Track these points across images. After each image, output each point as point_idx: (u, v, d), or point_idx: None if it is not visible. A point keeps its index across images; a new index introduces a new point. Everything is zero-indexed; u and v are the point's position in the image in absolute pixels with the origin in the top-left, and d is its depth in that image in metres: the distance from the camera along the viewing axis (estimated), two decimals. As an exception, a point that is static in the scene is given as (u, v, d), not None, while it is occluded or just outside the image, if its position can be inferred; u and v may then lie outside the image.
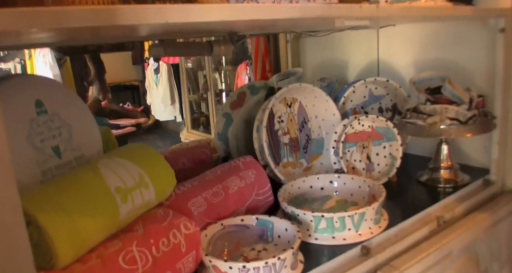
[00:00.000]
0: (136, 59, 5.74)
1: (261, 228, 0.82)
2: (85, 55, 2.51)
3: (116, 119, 2.49)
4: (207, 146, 1.13)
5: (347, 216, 0.78)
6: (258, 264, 0.65)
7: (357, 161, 1.07)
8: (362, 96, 1.25)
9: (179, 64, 4.44)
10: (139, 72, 5.98)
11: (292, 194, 0.95)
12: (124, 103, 4.56)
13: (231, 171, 0.90)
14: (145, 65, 5.43)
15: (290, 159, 1.09)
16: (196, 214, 0.80)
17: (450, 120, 0.96)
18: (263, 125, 0.98)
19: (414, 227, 0.89)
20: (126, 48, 2.44)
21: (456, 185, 1.03)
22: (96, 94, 2.38)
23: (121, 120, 2.43)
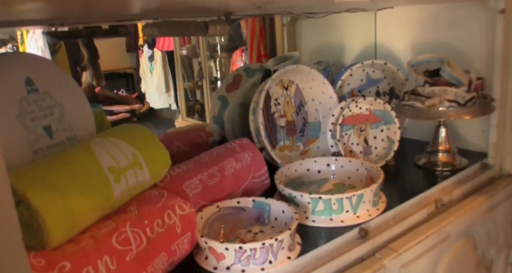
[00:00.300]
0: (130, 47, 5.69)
1: (258, 210, 0.81)
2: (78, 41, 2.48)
3: (110, 106, 2.46)
4: (202, 129, 1.11)
5: (345, 198, 0.77)
6: (255, 245, 0.64)
7: (354, 145, 1.06)
8: (360, 80, 1.23)
9: (173, 51, 4.40)
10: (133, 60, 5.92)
11: (289, 177, 0.94)
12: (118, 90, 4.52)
13: (227, 153, 0.89)
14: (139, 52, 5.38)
15: (286, 143, 1.08)
16: (191, 195, 0.78)
17: (449, 102, 0.95)
18: (259, 107, 0.97)
19: (412, 210, 0.88)
20: (120, 33, 2.41)
21: (454, 169, 1.02)
22: (89, 80, 2.35)
23: (115, 107, 2.40)
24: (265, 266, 0.66)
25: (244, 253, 0.64)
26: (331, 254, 0.74)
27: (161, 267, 0.63)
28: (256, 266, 0.65)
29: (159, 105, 4.85)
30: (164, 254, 0.63)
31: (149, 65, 5.03)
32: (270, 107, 1.05)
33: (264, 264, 0.66)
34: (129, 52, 5.70)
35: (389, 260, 0.76)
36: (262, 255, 0.65)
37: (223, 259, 0.66)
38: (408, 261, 0.80)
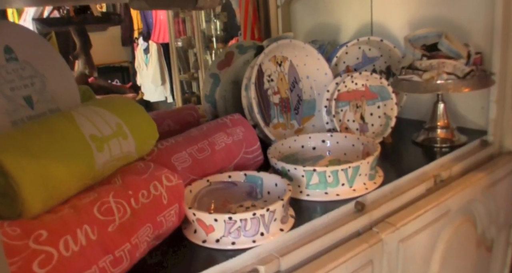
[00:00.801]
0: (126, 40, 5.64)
1: (250, 184, 0.78)
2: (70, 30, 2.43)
3: (104, 95, 2.42)
4: (194, 108, 1.08)
5: (341, 170, 0.74)
6: (245, 215, 0.61)
7: (350, 121, 1.03)
8: (355, 58, 1.20)
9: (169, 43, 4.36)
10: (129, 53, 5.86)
11: (283, 154, 0.91)
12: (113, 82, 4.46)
13: (218, 127, 0.86)
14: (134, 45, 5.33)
15: (280, 120, 1.04)
16: (180, 169, 0.75)
17: (448, 75, 0.92)
18: (251, 82, 0.93)
19: (411, 184, 0.85)
20: (112, 21, 2.36)
21: (453, 145, 0.99)
22: (82, 69, 2.30)
23: (109, 96, 2.35)
24: (257, 238, 0.63)
25: (234, 224, 0.61)
26: (326, 227, 0.71)
27: (146, 239, 0.60)
28: (247, 238, 0.62)
29: (155, 98, 4.81)
30: (150, 226, 0.60)
31: (145, 57, 4.98)
32: (263, 83, 1.02)
33: (255, 236, 0.63)
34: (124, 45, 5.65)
35: (387, 234, 0.73)
36: (253, 227, 0.62)
37: (212, 231, 0.63)
38: (407, 236, 0.77)
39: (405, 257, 0.77)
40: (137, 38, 5.13)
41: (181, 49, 4.37)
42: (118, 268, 0.55)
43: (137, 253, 0.58)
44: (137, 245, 0.58)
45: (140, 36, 5.01)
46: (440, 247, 0.87)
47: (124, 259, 0.56)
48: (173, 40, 4.24)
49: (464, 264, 0.98)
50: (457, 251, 0.93)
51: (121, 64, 5.84)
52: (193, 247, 0.64)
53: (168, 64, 4.56)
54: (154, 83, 4.79)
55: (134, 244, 0.57)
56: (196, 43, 3.92)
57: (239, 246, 0.62)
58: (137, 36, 5.19)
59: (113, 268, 0.54)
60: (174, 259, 0.62)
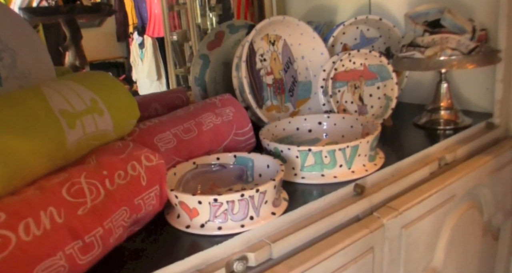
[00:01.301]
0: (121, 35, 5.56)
1: (240, 167, 0.72)
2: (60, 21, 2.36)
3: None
4: (182, 91, 1.01)
5: (338, 149, 0.68)
6: (233, 197, 0.55)
7: (348, 103, 0.97)
8: (353, 38, 1.14)
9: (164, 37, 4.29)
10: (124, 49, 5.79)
11: (276, 136, 0.85)
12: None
13: (206, 107, 0.80)
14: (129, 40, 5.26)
15: (274, 102, 0.98)
16: (163, 150, 0.69)
17: (451, 51, 0.86)
18: (242, 60, 0.87)
19: (414, 167, 0.79)
20: (103, 11, 2.30)
21: (457, 127, 0.93)
22: (72, 60, 2.24)
23: (100, 88, 2.29)
24: (245, 223, 0.57)
25: (220, 207, 0.55)
26: (322, 211, 0.65)
27: (122, 224, 0.54)
28: (235, 223, 0.56)
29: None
30: (126, 209, 0.54)
31: (140, 52, 4.91)
32: (255, 63, 0.96)
33: (244, 220, 0.57)
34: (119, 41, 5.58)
35: (388, 219, 0.68)
36: (241, 210, 0.56)
37: (196, 215, 0.57)
38: (410, 221, 0.71)
39: (408, 243, 0.72)
40: (132, 33, 5.06)
41: (176, 43, 4.30)
42: (89, 255, 0.49)
43: (110, 239, 0.52)
44: (111, 230, 0.52)
45: (135, 30, 4.94)
46: (445, 234, 0.82)
47: (95, 245, 0.50)
48: (168, 34, 4.17)
49: (469, 253, 0.92)
50: (462, 238, 0.87)
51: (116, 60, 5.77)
52: (176, 233, 0.58)
53: (164, 58, 4.49)
54: (150, 78, 4.72)
55: (108, 229, 0.51)
56: (191, 37, 3.86)
57: (226, 231, 0.56)
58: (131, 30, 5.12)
59: (82, 255, 0.48)
60: (155, 246, 0.56)
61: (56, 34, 2.81)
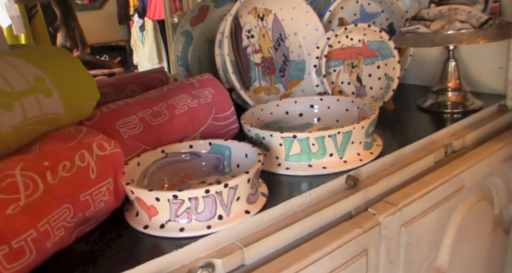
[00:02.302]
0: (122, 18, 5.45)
1: (216, 156, 0.63)
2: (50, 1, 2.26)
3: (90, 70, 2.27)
4: (162, 71, 0.92)
5: (328, 136, 0.59)
6: (196, 193, 0.46)
7: (345, 84, 0.87)
8: (352, 14, 1.03)
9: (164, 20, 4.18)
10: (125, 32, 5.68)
11: (262, 121, 0.76)
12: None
13: (182, 88, 0.70)
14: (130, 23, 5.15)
15: (263, 83, 0.89)
16: (127, 137, 0.60)
17: (461, 24, 0.75)
18: (225, 36, 0.78)
19: (416, 155, 0.69)
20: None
21: (466, 110, 0.83)
22: (63, 41, 2.14)
23: (93, 71, 2.20)
24: (213, 223, 0.48)
25: (182, 204, 0.47)
26: (307, 208, 0.56)
27: (64, 224, 0.45)
28: (200, 223, 0.48)
29: (151, 77, 4.64)
30: (69, 207, 0.46)
31: (140, 35, 4.81)
32: (241, 40, 0.86)
33: (211, 220, 0.48)
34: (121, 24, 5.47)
35: (386, 217, 0.59)
36: (207, 208, 0.47)
37: (156, 214, 0.48)
38: (411, 218, 0.62)
39: (408, 243, 0.63)
40: (132, 15, 4.95)
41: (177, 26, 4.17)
42: (17, 263, 0.40)
43: (48, 243, 0.43)
44: (48, 233, 0.43)
45: (135, 12, 4.83)
46: (451, 230, 0.73)
47: (26, 251, 0.41)
48: (169, 16, 4.06)
49: (478, 249, 0.83)
50: (470, 234, 0.78)
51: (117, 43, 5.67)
52: (135, 234, 0.50)
53: (165, 41, 4.38)
54: (151, 61, 4.61)
55: (44, 231, 0.43)
56: (192, 19, 3.73)
57: (189, 233, 0.47)
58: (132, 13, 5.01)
59: (8, 263, 0.40)
60: (109, 250, 0.48)
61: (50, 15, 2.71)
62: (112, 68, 2.23)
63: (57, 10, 2.16)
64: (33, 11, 2.96)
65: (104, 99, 0.85)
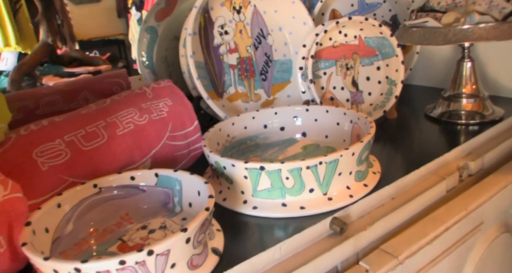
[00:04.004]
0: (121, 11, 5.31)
1: (164, 190, 0.49)
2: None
3: (75, 67, 2.13)
4: (123, 75, 0.78)
5: (306, 168, 0.44)
6: (106, 265, 0.32)
7: (338, 89, 0.73)
8: (349, 5, 0.88)
9: (162, 12, 4.04)
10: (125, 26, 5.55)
11: (234, 138, 0.62)
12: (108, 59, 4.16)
13: (129, 100, 0.56)
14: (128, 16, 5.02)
15: (240, 89, 0.74)
16: (46, 169, 0.46)
17: (480, 16, 0.61)
18: (188, 32, 0.63)
19: (424, 183, 0.55)
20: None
21: (484, 121, 0.68)
22: (44, 37, 2.00)
23: (79, 68, 2.07)
24: (136, 303, 0.34)
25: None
26: (279, 265, 0.42)
27: None
28: (117, 304, 0.34)
29: (149, 72, 4.51)
30: None
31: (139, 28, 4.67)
32: (212, 37, 0.71)
33: (133, 298, 0.34)
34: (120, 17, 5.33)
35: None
36: (126, 283, 0.33)
37: (56, 289, 0.34)
38: (417, 271, 0.48)
39: (413, 302, 0.49)
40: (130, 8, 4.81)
41: (176, 19, 4.04)
42: None
43: None
44: None
45: (133, 5, 4.69)
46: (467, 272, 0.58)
47: None
48: (166, 8, 3.92)
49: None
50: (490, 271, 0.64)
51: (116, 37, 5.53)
52: (36, 312, 0.36)
53: (163, 35, 4.25)
54: (149, 56, 4.49)
55: None
56: (189, 11, 3.59)
57: (100, 319, 0.33)
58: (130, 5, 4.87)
59: None
60: None
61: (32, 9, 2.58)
62: (99, 65, 2.10)
63: (38, 4, 2.03)
64: (17, 5, 2.83)
65: (51, 109, 0.72)
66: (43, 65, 2.06)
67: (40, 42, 2.00)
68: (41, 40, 2.00)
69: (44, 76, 1.94)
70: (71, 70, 2.00)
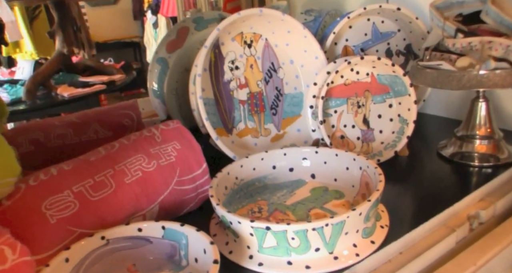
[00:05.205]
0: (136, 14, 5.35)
1: (170, 243, 0.49)
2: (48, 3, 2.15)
3: (89, 76, 2.15)
4: (133, 106, 0.78)
5: (312, 229, 0.44)
6: None
7: (349, 127, 0.72)
8: (363, 34, 0.88)
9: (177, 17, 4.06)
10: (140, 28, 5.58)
11: (242, 180, 0.62)
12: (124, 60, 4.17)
13: (138, 145, 0.57)
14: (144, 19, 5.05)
15: (249, 124, 0.74)
16: (55, 222, 0.47)
17: (496, 62, 0.60)
18: (197, 72, 0.63)
19: (433, 236, 0.54)
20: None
21: (498, 164, 0.67)
22: (59, 47, 2.02)
23: (93, 77, 2.09)
24: None
25: None
26: None
27: None
28: None
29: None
30: None
31: (154, 32, 4.71)
32: (222, 73, 0.71)
33: None
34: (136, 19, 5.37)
35: None
36: None
37: None
38: None
39: None
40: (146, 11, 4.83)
41: (190, 23, 4.04)
42: None
43: None
44: None
45: (149, 9, 4.71)
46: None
47: None
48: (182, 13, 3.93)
49: None
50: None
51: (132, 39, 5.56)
52: None
53: (178, 39, 4.26)
54: (164, 59, 4.51)
55: None
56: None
57: None
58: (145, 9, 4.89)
59: None
60: None
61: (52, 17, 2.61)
62: (113, 75, 2.11)
63: (54, 14, 2.05)
64: (36, 11, 2.86)
65: (62, 142, 0.73)
66: (58, 73, 2.08)
67: (56, 52, 2.02)
68: (57, 50, 2.02)
69: (59, 86, 1.96)
70: (85, 80, 2.02)
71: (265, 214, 0.57)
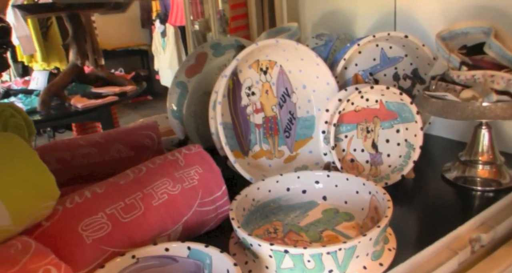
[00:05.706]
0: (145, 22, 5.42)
1: (195, 262, 0.53)
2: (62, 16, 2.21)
3: (101, 87, 2.20)
4: (153, 127, 0.83)
5: (326, 253, 0.48)
6: None
7: (358, 151, 0.76)
8: (371, 58, 0.92)
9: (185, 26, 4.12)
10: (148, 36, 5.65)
11: (259, 201, 0.66)
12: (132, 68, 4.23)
13: (163, 169, 0.61)
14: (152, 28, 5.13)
15: (264, 147, 0.79)
16: (90, 242, 0.51)
17: (498, 95, 0.64)
18: (218, 100, 0.68)
19: (436, 258, 0.58)
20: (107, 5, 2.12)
21: (500, 189, 0.71)
22: (73, 59, 2.08)
23: (105, 88, 2.14)
24: None
25: None
26: None
27: None
28: None
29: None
30: None
31: (162, 41, 4.77)
32: (240, 99, 0.76)
33: None
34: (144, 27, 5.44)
35: None
36: None
37: None
38: None
39: None
40: (154, 20, 4.90)
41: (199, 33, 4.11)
42: None
43: None
44: None
45: (157, 18, 4.78)
46: None
47: None
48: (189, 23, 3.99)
49: None
50: None
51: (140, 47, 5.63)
52: None
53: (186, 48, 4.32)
54: (171, 68, 4.57)
55: None
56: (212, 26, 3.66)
57: None
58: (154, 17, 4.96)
59: None
60: None
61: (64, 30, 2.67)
62: (125, 86, 2.16)
63: (68, 27, 2.10)
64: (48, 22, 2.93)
65: (87, 161, 0.77)
66: (71, 83, 2.13)
67: (70, 64, 2.07)
68: (71, 62, 2.08)
69: (72, 96, 2.01)
70: (98, 91, 2.07)
71: (280, 234, 0.62)
